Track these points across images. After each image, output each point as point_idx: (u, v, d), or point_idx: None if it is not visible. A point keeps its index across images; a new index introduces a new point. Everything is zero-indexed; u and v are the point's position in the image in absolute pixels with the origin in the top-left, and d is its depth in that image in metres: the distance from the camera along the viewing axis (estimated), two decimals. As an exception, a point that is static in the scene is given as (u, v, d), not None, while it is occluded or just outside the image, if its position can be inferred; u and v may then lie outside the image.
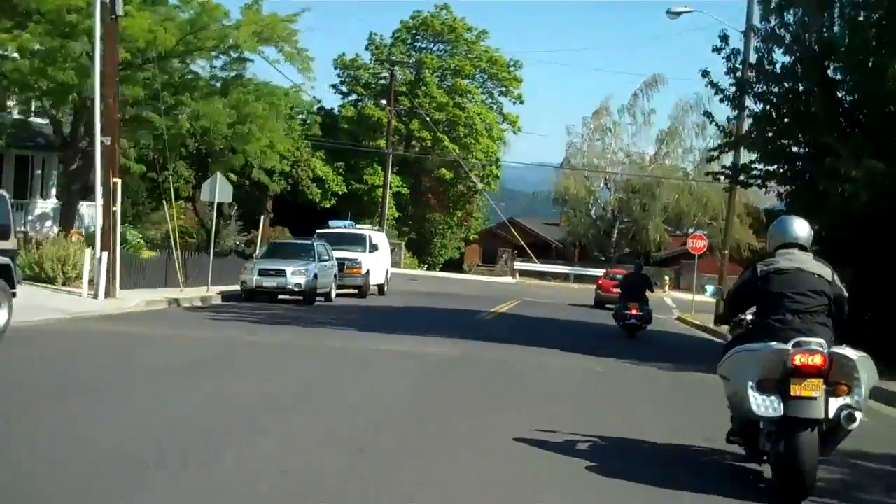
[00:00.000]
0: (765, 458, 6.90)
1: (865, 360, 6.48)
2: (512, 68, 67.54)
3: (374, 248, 31.86)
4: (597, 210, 63.20)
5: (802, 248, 6.96)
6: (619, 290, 24.07)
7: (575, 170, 60.70)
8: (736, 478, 7.43)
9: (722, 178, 24.69)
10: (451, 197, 68.44)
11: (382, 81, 64.53)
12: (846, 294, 6.92)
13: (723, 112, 26.85)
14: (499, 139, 68.43)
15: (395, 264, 60.73)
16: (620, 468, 7.27)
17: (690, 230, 59.60)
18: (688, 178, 59.28)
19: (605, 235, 62.52)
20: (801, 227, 7.04)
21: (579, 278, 59.45)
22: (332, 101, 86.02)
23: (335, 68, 68.50)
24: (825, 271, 6.81)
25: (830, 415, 6.26)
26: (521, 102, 68.23)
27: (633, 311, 20.70)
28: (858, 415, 6.31)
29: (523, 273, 59.77)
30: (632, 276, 22.89)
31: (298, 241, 29.56)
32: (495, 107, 68.83)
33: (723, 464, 7.94)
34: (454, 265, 76.68)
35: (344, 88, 68.84)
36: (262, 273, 24.89)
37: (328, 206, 63.32)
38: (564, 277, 59.72)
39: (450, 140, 63.94)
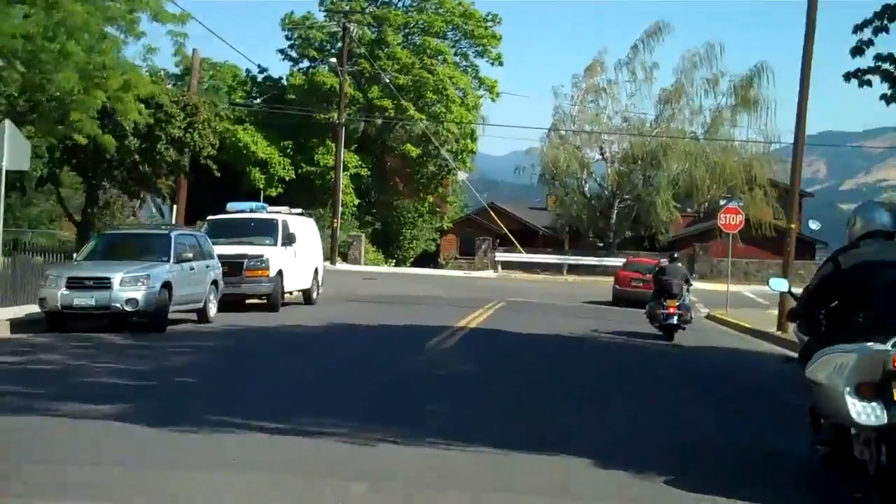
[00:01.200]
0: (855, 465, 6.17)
1: None
2: (489, 23, 57.85)
3: (289, 239, 22.18)
4: (591, 187, 53.47)
5: (889, 236, 6.44)
6: (638, 284, 21.69)
7: (564, 139, 50.91)
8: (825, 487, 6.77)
9: (873, 80, 14.17)
10: (421, 179, 58.71)
11: (340, 44, 54.81)
12: None
13: (737, 60, 16.95)
14: (474, 108, 58.74)
15: (353, 260, 51.21)
16: None
17: (703, 206, 50.24)
18: (698, 141, 49.60)
19: (603, 217, 52.81)
20: (886, 214, 6.55)
21: (574, 269, 49.79)
22: (281, 70, 75.66)
23: (283, 29, 58.76)
24: None
25: None
26: (501, 64, 58.61)
27: (672, 310, 18.06)
28: None
29: (507, 265, 50.11)
30: (667, 269, 19.75)
31: (144, 232, 19.84)
32: (470, 70, 59.09)
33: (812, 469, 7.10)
34: (429, 259, 67.17)
35: (293, 54, 59.01)
36: (73, 284, 15.07)
37: (274, 194, 53.59)
38: (556, 269, 50.05)
39: (416, 109, 54.19)
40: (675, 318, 18.25)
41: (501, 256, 49.17)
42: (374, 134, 57.80)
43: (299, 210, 24.73)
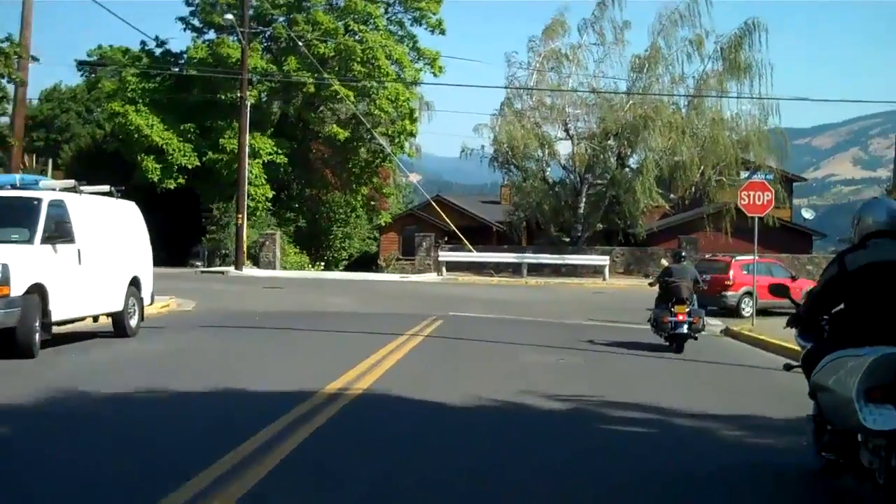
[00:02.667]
0: (865, 474, 5.89)
1: None
2: (427, -18, 48.95)
3: (59, 233, 13.12)
4: (554, 171, 44.76)
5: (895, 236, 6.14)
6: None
7: (520, 114, 42.14)
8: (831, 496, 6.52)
9: None
10: (353, 168, 49.67)
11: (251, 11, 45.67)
12: None
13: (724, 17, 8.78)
14: (413, 84, 49.80)
15: (267, 264, 42.05)
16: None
17: (689, 192, 41.72)
18: (682, 113, 41.11)
19: (568, 207, 44.12)
20: (893, 211, 6.19)
21: (535, 270, 41.04)
22: (182, 43, 65.81)
23: (185, -7, 49.36)
24: None
25: None
26: (442, 32, 49.61)
27: (681, 317, 15.40)
28: None
29: (453, 266, 41.25)
30: (674, 269, 16.59)
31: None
32: (407, 41, 50.10)
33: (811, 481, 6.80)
34: (369, 260, 58.21)
35: (196, 22, 49.57)
36: None
37: (173, 186, 44.37)
38: (514, 269, 41.23)
39: (342, 85, 45.13)
40: (686, 326, 15.70)
41: (446, 256, 40.28)
42: (295, 116, 48.71)
43: (104, 188, 15.52)
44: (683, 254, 18.29)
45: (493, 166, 43.58)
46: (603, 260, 39.53)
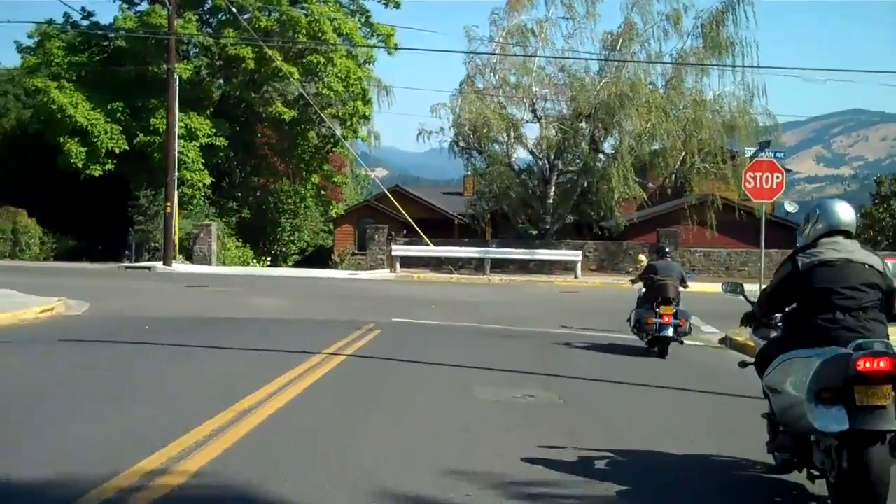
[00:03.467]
0: (817, 473, 5.97)
1: None
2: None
3: None
4: (521, 157, 40.74)
5: (848, 235, 6.18)
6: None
7: (482, 94, 38.06)
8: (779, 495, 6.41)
9: None
10: (303, 154, 45.41)
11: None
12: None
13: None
14: (367, 62, 45.61)
15: (202, 259, 37.70)
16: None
17: (669, 179, 37.83)
18: (660, 92, 37.23)
19: (536, 197, 40.07)
20: (845, 211, 6.23)
21: (500, 266, 37.02)
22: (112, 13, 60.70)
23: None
24: (875, 261, 6.07)
25: None
26: (397, 6, 45.38)
27: (667, 318, 14.18)
28: None
29: (408, 262, 37.09)
30: (659, 266, 15.27)
31: None
32: (359, 16, 45.82)
33: (758, 478, 6.83)
34: (324, 256, 54.08)
35: (125, -10, 44.97)
36: None
37: (98, 173, 39.84)
38: (476, 265, 37.16)
39: (287, 61, 40.88)
40: (671, 328, 14.38)
41: (401, 251, 36.03)
42: (237, 96, 44.35)
43: None
44: (667, 249, 16.54)
45: (454, 151, 39.48)
46: (574, 255, 35.60)
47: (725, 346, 16.73)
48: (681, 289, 15.23)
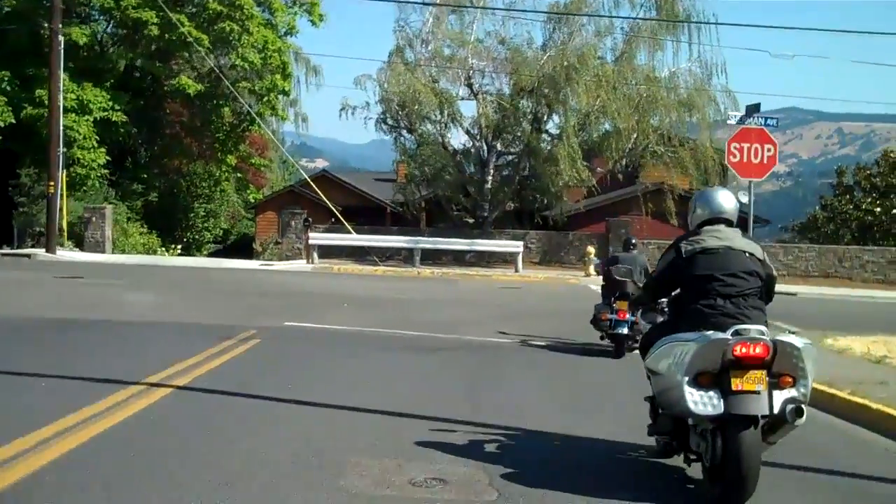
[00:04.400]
0: (693, 457, 6.07)
1: (811, 348, 5.78)
2: None
3: None
4: (457, 137, 36.84)
5: (729, 223, 6.32)
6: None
7: (412, 66, 34.02)
8: (659, 479, 6.41)
9: None
10: (217, 133, 41.06)
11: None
12: (776, 274, 6.38)
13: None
14: (288, 32, 41.41)
15: (94, 246, 33.11)
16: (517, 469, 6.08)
17: (620, 164, 34.28)
18: (610, 66, 33.56)
19: (473, 182, 36.21)
20: (727, 200, 6.40)
21: (432, 257, 33.13)
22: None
23: None
24: (756, 249, 6.21)
25: (775, 410, 5.56)
26: (323, -29, 41.20)
27: (622, 314, 13.08)
28: (805, 409, 5.61)
29: (328, 252, 33.02)
30: (620, 258, 14.49)
31: None
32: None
33: (641, 462, 6.85)
34: (247, 245, 49.66)
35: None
36: None
37: (-21, 149, 35.17)
38: (405, 257, 33.18)
39: (197, 27, 36.52)
40: (626, 325, 13.07)
41: (319, 239, 31.76)
42: (142, 67, 39.78)
43: None
44: (634, 240, 15.32)
45: (381, 129, 35.35)
46: (515, 247, 31.79)
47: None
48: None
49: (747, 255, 6.10)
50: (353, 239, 32.21)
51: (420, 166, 34.40)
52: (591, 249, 30.78)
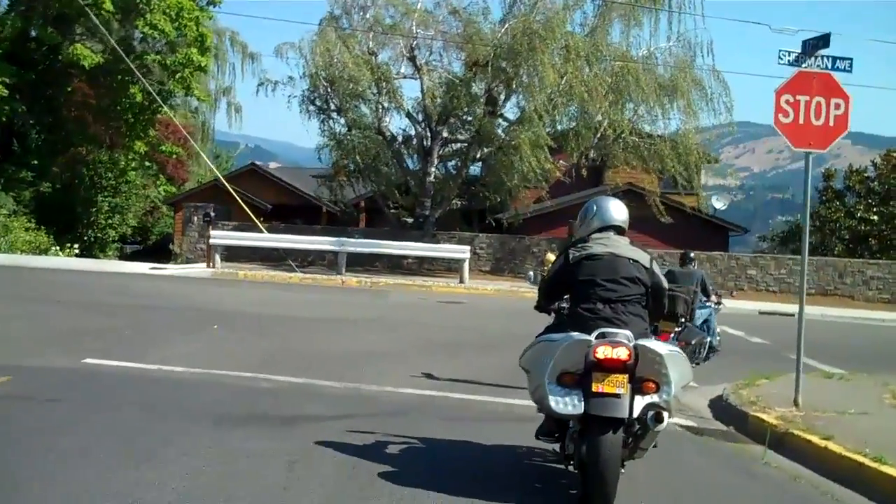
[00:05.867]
0: (572, 461, 6.00)
1: (677, 355, 5.87)
2: None
3: None
4: (397, 122, 31.49)
5: (620, 231, 6.35)
6: None
7: (345, 35, 28.58)
8: (549, 484, 6.34)
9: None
10: (124, 116, 35.35)
11: None
12: (666, 284, 6.32)
13: None
14: (212, 2, 35.93)
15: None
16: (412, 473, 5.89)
17: (587, 155, 29.30)
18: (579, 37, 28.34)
19: (414, 175, 30.88)
20: (618, 209, 6.43)
21: (364, 263, 27.80)
22: None
23: None
24: (642, 257, 6.19)
25: (636, 414, 5.57)
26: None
27: (665, 337, 10.03)
28: (666, 415, 5.61)
29: (235, 254, 27.58)
30: (676, 274, 13.12)
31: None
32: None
33: (539, 467, 6.77)
34: (164, 245, 43.92)
35: None
36: None
37: None
38: (331, 262, 27.66)
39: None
40: None
41: (222, 238, 26.20)
42: (35, 35, 34.02)
43: None
44: (692, 255, 14.04)
45: (306, 109, 29.74)
46: (461, 252, 26.51)
47: (722, 422, 9.43)
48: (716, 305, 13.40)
49: (631, 261, 6.10)
50: (264, 239, 26.71)
51: (348, 154, 28.82)
52: (552, 257, 25.63)
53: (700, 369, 10.79)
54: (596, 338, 5.63)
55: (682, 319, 11.63)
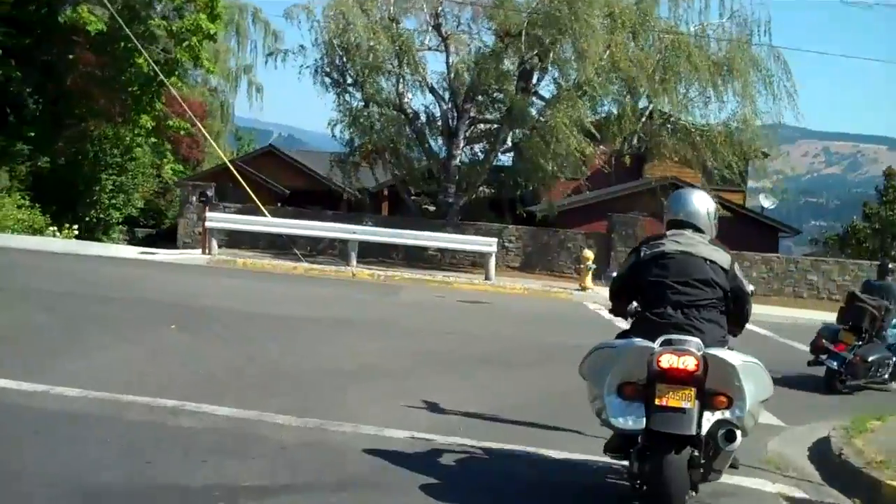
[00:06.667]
0: (638, 481, 5.32)
1: (753, 366, 5.22)
2: None
3: None
4: (418, 99, 28.60)
5: (697, 229, 5.74)
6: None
7: (362, 1, 25.57)
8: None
9: None
10: (131, 87, 32.68)
11: None
12: (749, 288, 5.68)
13: None
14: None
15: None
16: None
17: (630, 140, 26.37)
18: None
19: (437, 160, 27.93)
20: (700, 202, 5.86)
21: (378, 253, 24.99)
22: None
23: None
24: (721, 258, 5.58)
25: (704, 431, 4.98)
26: None
27: (840, 347, 11.27)
28: (739, 434, 5.00)
29: (237, 240, 24.87)
30: (872, 285, 12.32)
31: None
32: None
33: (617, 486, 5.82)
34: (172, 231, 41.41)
35: None
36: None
37: None
38: (341, 252, 24.69)
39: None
40: (839, 361, 11.16)
41: (219, 221, 23.30)
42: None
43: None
44: (891, 266, 12.65)
45: (320, 81, 26.78)
46: (487, 245, 23.48)
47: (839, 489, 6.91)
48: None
49: (708, 262, 5.52)
50: (267, 224, 23.84)
51: (365, 132, 25.84)
52: (590, 254, 22.72)
53: (782, 402, 8.11)
54: (660, 345, 5.13)
55: (865, 334, 11.14)
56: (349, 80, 26.60)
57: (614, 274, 6.28)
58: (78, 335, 9.96)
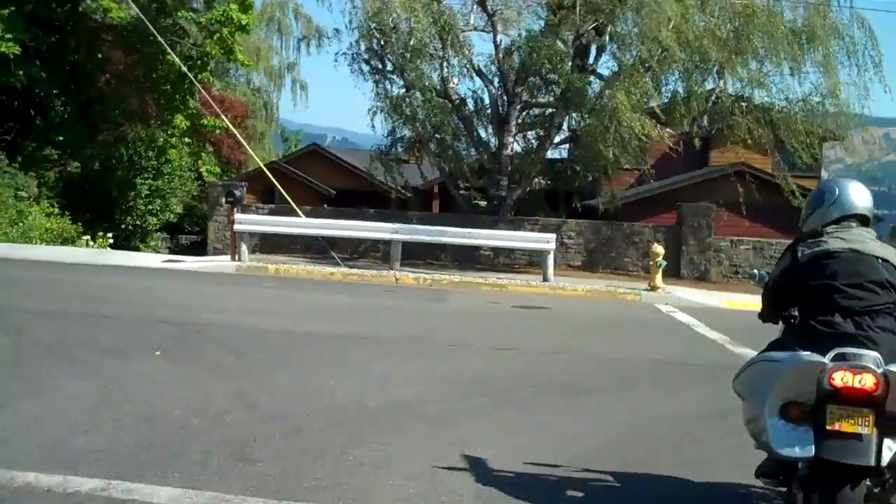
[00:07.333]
0: None
1: None
2: None
3: None
4: (464, 84, 26.41)
5: (863, 222, 4.88)
6: None
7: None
8: None
9: None
10: (163, 86, 30.93)
11: None
12: None
13: None
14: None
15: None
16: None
17: (699, 123, 23.82)
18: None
19: (486, 149, 25.59)
20: (861, 194, 4.92)
21: (425, 255, 22.74)
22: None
23: None
24: (893, 255, 4.69)
25: (884, 462, 4.16)
26: None
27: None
28: None
29: (271, 244, 22.80)
30: None
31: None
32: None
33: None
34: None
35: None
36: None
37: None
38: (384, 254, 22.44)
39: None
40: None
41: (249, 224, 21.18)
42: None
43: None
44: None
45: (358, 70, 24.59)
46: (544, 242, 21.10)
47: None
48: None
49: (880, 261, 4.65)
50: (301, 225, 21.68)
51: (407, 120, 23.56)
52: (660, 249, 20.21)
53: None
54: (832, 360, 4.28)
55: None
56: (388, 67, 24.36)
57: (754, 272, 5.59)
58: (26, 369, 7.84)
